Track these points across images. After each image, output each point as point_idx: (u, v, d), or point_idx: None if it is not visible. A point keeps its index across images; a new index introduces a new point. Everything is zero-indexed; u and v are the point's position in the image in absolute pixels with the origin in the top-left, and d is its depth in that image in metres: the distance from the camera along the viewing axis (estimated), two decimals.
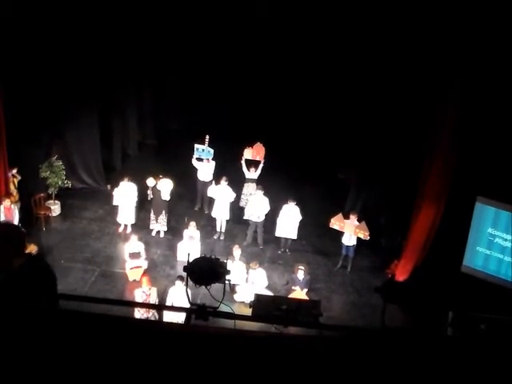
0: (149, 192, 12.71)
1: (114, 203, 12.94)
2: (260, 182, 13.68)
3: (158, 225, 12.88)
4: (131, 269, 11.42)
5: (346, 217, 12.22)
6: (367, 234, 11.79)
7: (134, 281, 11.22)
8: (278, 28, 12.87)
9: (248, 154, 13.95)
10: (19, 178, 12.47)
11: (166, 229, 12.96)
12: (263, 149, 13.96)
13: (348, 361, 3.38)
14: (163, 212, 12.78)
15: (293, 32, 12.84)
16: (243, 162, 13.81)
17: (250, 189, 13.75)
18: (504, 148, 10.41)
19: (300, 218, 12.52)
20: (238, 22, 12.92)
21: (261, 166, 13.78)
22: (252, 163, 13.88)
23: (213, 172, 13.69)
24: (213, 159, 13.69)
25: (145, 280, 10.18)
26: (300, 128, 15.25)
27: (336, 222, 12.12)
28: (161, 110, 17.54)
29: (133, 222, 13.05)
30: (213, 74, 15.61)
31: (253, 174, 13.78)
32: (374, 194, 13.55)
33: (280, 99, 15.48)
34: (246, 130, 14.51)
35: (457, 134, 10.53)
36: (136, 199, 12.92)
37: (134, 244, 11.60)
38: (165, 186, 12.69)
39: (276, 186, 13.87)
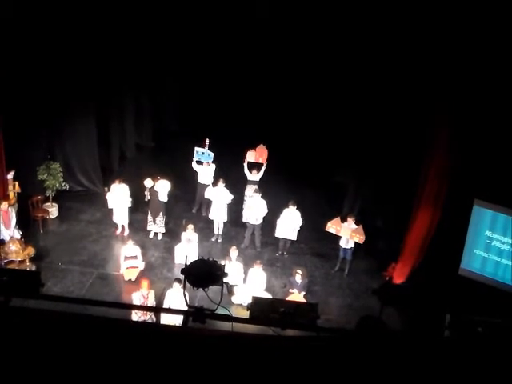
0: (146, 193, 12.68)
1: (109, 206, 12.94)
2: (259, 184, 13.70)
3: (156, 226, 12.86)
4: (127, 268, 11.44)
5: (344, 220, 12.23)
6: (363, 238, 11.78)
7: (130, 280, 11.24)
8: (277, 28, 12.87)
9: (251, 156, 13.96)
10: (18, 190, 12.46)
11: (163, 230, 12.95)
12: (266, 151, 13.96)
13: (345, 363, 3.38)
14: (160, 213, 12.77)
15: (292, 34, 12.85)
16: (245, 165, 13.83)
17: (251, 191, 13.76)
18: (502, 151, 10.43)
19: (301, 222, 12.48)
20: (237, 22, 12.91)
21: (263, 168, 13.80)
22: (254, 165, 13.89)
23: (213, 175, 13.69)
24: (213, 162, 13.70)
25: (145, 284, 10.16)
26: (298, 131, 15.26)
27: (332, 226, 12.11)
28: (159, 112, 17.55)
29: (127, 222, 13.04)
30: (212, 75, 15.63)
31: (255, 176, 13.79)
32: (372, 197, 13.56)
33: (279, 101, 15.50)
34: (245, 133, 14.51)
35: (454, 136, 10.55)
36: (129, 200, 12.90)
37: (130, 248, 11.60)
38: (162, 188, 12.67)
39: (275, 188, 13.88)
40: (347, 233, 11.93)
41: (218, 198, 12.92)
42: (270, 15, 12.53)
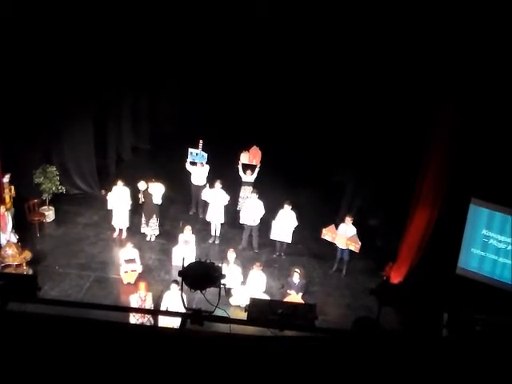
0: (140, 195, 12.67)
1: (109, 207, 12.92)
2: (256, 185, 13.70)
3: (149, 229, 12.84)
4: (126, 272, 11.44)
5: (342, 220, 12.25)
6: (358, 246, 11.79)
7: (129, 284, 11.24)
8: (277, 29, 12.87)
9: (244, 158, 13.98)
10: (13, 194, 12.41)
11: (157, 232, 12.92)
12: (259, 152, 13.99)
13: (344, 363, 3.38)
14: (154, 216, 12.76)
15: (291, 34, 12.84)
16: (240, 166, 13.83)
17: (246, 192, 13.77)
18: (498, 150, 10.45)
19: (296, 223, 12.47)
20: (237, 22, 12.89)
21: (257, 169, 13.80)
22: (248, 166, 13.91)
23: (206, 176, 13.69)
24: (207, 163, 13.70)
25: (142, 286, 10.16)
26: (296, 131, 15.25)
27: (328, 233, 12.14)
28: (155, 114, 17.52)
29: (127, 225, 13.03)
30: (208, 77, 15.60)
31: (249, 177, 13.80)
32: (370, 197, 13.56)
33: (276, 102, 15.47)
34: (241, 134, 14.51)
35: (452, 136, 10.57)
36: (130, 203, 12.90)
37: (129, 251, 11.59)
38: (156, 190, 12.66)
39: (272, 189, 13.86)
40: (342, 241, 11.96)
41: (215, 199, 12.91)
42: (270, 15, 12.51)
